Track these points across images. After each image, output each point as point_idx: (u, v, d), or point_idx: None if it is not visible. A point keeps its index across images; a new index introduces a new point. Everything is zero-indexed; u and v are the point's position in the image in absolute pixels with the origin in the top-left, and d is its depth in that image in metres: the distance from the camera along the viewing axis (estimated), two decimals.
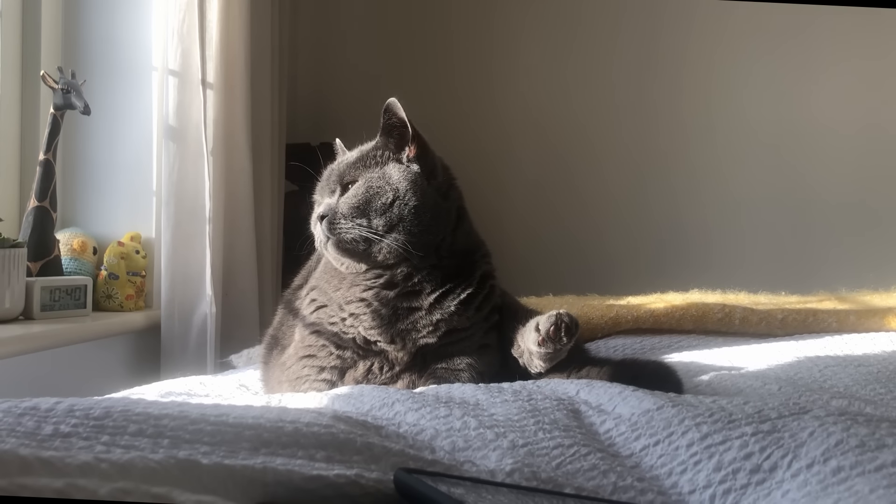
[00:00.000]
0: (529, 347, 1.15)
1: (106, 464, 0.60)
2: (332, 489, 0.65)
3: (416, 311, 1.19)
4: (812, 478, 0.72)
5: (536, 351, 1.14)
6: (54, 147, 1.84)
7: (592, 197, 3.00)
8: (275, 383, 1.28)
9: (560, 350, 1.13)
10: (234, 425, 0.73)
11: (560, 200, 3.00)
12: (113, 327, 1.91)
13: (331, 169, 1.27)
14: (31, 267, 1.79)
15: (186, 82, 2.04)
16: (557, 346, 1.12)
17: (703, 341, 1.71)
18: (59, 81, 1.83)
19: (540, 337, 1.11)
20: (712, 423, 0.82)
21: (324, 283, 1.26)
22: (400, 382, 1.19)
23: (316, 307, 1.25)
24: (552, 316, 1.11)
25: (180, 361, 1.99)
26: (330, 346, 1.21)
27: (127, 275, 1.97)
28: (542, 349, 1.13)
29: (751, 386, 1.24)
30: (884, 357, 1.48)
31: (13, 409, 0.70)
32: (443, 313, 1.19)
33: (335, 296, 1.23)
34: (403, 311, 1.19)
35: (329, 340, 1.21)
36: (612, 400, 0.97)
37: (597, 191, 3.00)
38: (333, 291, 1.23)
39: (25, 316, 1.74)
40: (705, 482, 0.75)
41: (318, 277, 1.30)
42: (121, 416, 0.71)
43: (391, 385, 1.18)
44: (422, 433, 0.85)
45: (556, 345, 1.11)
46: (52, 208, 1.85)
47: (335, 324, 1.21)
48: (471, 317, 1.21)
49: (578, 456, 0.80)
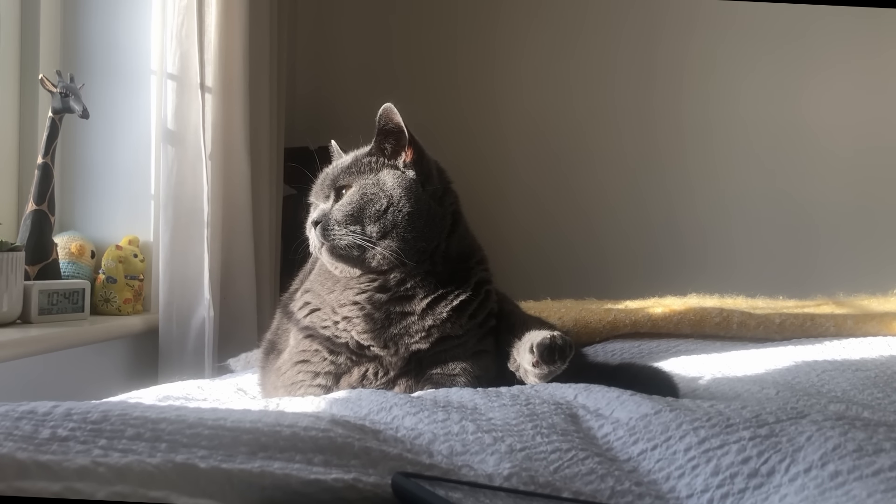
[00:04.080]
0: (524, 366, 1.16)
1: (103, 468, 0.60)
2: (330, 493, 0.65)
3: (408, 316, 1.19)
4: (810, 482, 0.72)
5: (532, 370, 1.14)
6: (53, 150, 1.84)
7: (591, 201, 3.00)
8: (271, 388, 1.28)
9: (554, 371, 1.13)
10: (232, 429, 0.73)
11: (558, 204, 3.00)
12: (111, 331, 1.90)
13: (325, 173, 1.27)
14: (29, 270, 1.79)
15: (185, 86, 2.04)
16: (552, 368, 1.13)
17: (700, 345, 1.71)
18: (58, 85, 1.84)
19: (534, 358, 1.12)
20: (710, 428, 0.82)
21: (317, 285, 1.27)
22: (396, 388, 1.19)
23: (309, 311, 1.25)
24: (546, 338, 1.12)
25: (178, 365, 1.99)
26: (324, 352, 1.21)
27: (125, 278, 1.97)
28: (537, 370, 1.13)
29: (748, 390, 1.24)
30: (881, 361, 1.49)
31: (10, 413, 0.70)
32: (435, 319, 1.18)
33: (328, 298, 1.23)
34: (396, 316, 1.19)
35: (322, 345, 1.21)
36: (609, 404, 0.97)
37: (595, 195, 3.00)
38: (327, 294, 1.24)
39: (23, 319, 1.73)
40: (703, 486, 0.75)
41: (312, 280, 1.30)
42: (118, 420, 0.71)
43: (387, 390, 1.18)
44: (420, 437, 0.85)
45: (550, 367, 1.12)
46: (51, 212, 1.84)
47: (328, 328, 1.21)
48: (464, 324, 1.21)
49: (576, 460, 0.80)
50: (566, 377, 1.13)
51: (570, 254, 2.94)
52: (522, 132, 3.03)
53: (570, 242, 2.96)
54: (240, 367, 1.71)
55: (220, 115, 2.10)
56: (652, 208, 2.96)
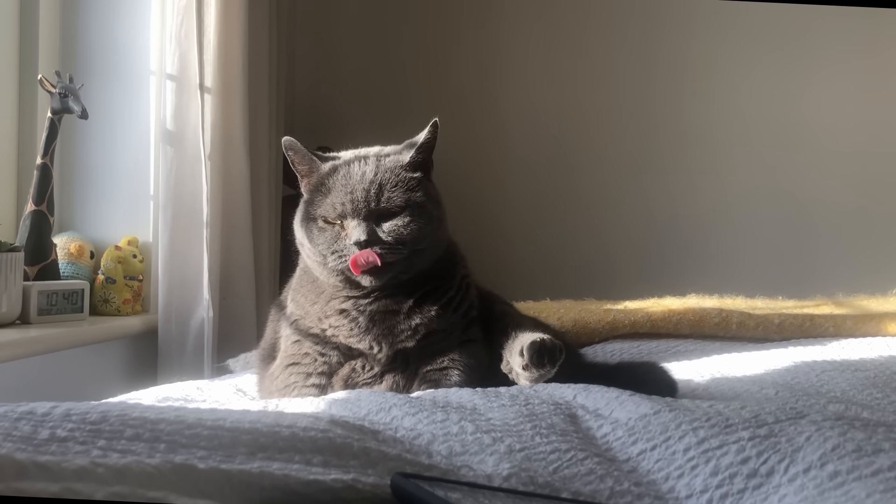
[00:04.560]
0: (515, 369, 1.16)
1: (102, 468, 0.60)
2: (329, 494, 0.65)
3: (394, 315, 1.19)
4: (809, 482, 0.72)
5: (522, 373, 1.15)
6: (52, 151, 1.84)
7: (590, 201, 3.00)
8: (266, 394, 1.29)
9: (544, 374, 1.14)
10: (231, 430, 0.72)
11: (558, 204, 3.00)
12: (110, 331, 1.90)
13: (355, 185, 1.15)
14: (28, 271, 1.79)
15: (184, 86, 2.03)
16: (542, 372, 1.13)
17: (700, 346, 1.71)
18: (57, 85, 1.83)
19: (524, 361, 1.12)
20: (709, 428, 0.82)
21: (300, 297, 1.26)
22: (384, 383, 1.19)
23: (294, 320, 1.25)
24: (536, 341, 1.12)
25: (177, 366, 1.99)
26: (313, 353, 1.22)
27: (124, 279, 1.97)
28: (527, 373, 1.14)
29: (748, 390, 1.24)
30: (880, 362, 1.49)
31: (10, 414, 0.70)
32: (422, 317, 1.19)
33: (312, 310, 1.23)
34: (380, 316, 1.19)
35: (311, 348, 1.22)
36: (609, 404, 0.97)
37: (594, 195, 3.00)
38: (310, 305, 1.23)
39: (22, 320, 1.73)
40: (702, 487, 0.75)
41: (294, 289, 1.28)
42: (117, 421, 0.71)
43: (375, 385, 1.19)
44: (419, 438, 0.85)
45: (539, 371, 1.13)
46: (50, 212, 1.84)
47: (314, 333, 1.22)
48: (448, 317, 1.21)
49: (575, 461, 0.80)
50: (564, 377, 1.13)
51: (569, 254, 2.94)
52: (523, 130, 3.03)
53: (569, 243, 2.96)
54: (239, 368, 1.71)
55: (219, 116, 2.10)
56: (651, 209, 2.95)
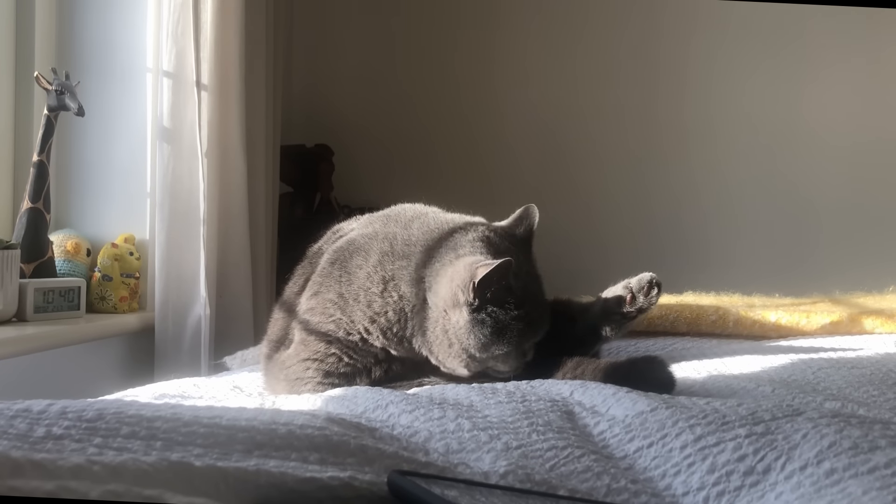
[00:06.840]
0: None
1: (98, 466, 0.60)
2: (326, 491, 0.65)
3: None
4: (805, 479, 0.72)
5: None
6: (48, 148, 1.84)
7: (588, 198, 3.00)
8: (272, 380, 1.28)
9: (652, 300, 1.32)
10: (228, 427, 0.72)
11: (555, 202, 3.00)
12: (107, 329, 1.90)
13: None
14: (25, 268, 1.78)
15: (181, 84, 2.03)
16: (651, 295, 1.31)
17: (697, 343, 1.71)
18: (53, 83, 1.83)
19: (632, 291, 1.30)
20: (706, 425, 0.82)
21: (342, 301, 1.23)
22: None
23: (328, 317, 1.23)
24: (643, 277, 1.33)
25: (174, 363, 1.99)
26: (340, 354, 1.21)
27: (121, 276, 1.96)
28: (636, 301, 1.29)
29: (744, 388, 1.24)
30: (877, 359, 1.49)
31: (5, 411, 0.70)
32: None
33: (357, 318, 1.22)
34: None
35: (340, 349, 1.21)
36: (605, 401, 0.97)
37: (592, 192, 3.00)
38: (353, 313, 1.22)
39: (19, 318, 1.73)
40: (699, 484, 0.75)
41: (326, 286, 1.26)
42: (113, 419, 0.71)
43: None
44: (416, 435, 0.85)
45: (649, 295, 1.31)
46: (46, 210, 1.84)
47: (352, 336, 1.21)
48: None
49: (572, 458, 0.80)
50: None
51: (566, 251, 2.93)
52: (522, 129, 3.02)
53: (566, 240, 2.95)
54: (236, 365, 1.71)
55: (215, 113, 2.09)
56: (648, 205, 2.96)
